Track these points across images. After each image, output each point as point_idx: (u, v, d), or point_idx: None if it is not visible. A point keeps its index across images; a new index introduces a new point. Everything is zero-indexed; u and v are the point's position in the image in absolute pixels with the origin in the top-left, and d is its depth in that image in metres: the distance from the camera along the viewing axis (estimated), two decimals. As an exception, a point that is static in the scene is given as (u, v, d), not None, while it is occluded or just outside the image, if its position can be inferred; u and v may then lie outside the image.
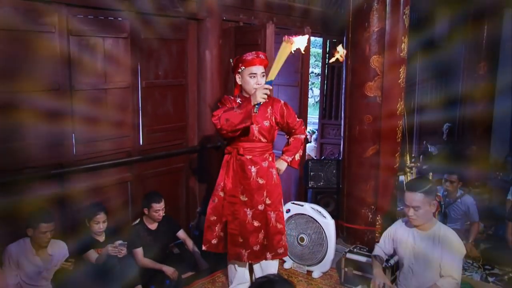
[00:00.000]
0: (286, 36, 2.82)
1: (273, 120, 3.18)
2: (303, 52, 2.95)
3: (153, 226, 3.82)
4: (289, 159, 3.34)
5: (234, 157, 3.19)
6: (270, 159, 3.24)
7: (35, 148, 3.36)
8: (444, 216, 4.22)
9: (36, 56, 3.31)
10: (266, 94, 2.88)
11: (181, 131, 4.58)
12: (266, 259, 3.28)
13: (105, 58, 3.76)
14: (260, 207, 3.18)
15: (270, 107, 3.18)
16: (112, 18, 3.83)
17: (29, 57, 3.27)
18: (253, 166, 3.15)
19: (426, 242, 2.75)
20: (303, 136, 3.35)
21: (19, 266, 3.10)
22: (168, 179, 4.48)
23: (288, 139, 3.40)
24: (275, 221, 3.23)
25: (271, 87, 2.90)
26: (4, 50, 3.15)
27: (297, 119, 3.31)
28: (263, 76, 3.09)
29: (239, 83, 3.16)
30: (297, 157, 3.37)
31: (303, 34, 2.88)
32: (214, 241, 3.28)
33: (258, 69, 3.07)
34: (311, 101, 14.85)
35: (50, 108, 3.40)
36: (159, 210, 3.74)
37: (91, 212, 3.48)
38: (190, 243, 4.04)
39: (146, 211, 3.76)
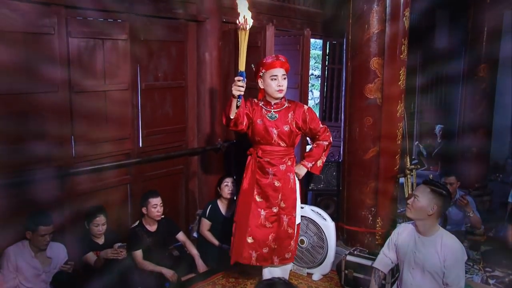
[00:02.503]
0: (238, 23, 2.70)
1: (294, 125, 3.20)
2: (247, 24, 2.73)
3: (152, 228, 3.81)
4: (309, 164, 3.32)
5: (254, 159, 3.25)
6: (289, 163, 3.26)
7: (35, 150, 3.35)
8: (444, 219, 4.21)
9: (35, 58, 3.30)
10: (240, 86, 2.81)
11: (181, 133, 4.57)
12: (273, 263, 3.30)
13: (104, 60, 3.76)
14: (274, 209, 3.23)
15: (292, 112, 3.21)
16: (112, 20, 3.82)
17: (28, 58, 3.26)
18: (270, 169, 3.21)
19: (428, 248, 2.71)
20: (326, 143, 3.32)
21: (18, 269, 3.09)
22: (168, 181, 4.47)
23: (312, 144, 3.41)
24: (287, 225, 3.26)
25: (241, 78, 2.81)
26: (4, 52, 3.14)
27: (321, 125, 3.31)
28: (285, 78, 3.14)
29: (262, 87, 3.19)
30: (319, 163, 3.36)
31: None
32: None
33: (279, 71, 3.11)
34: (311, 103, 14.82)
35: (49, 110, 3.40)
36: (156, 205, 3.73)
37: (91, 214, 3.47)
38: (189, 246, 4.03)
39: (144, 210, 3.75)
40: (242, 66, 2.80)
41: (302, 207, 3.82)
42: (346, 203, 4.05)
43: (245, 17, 2.68)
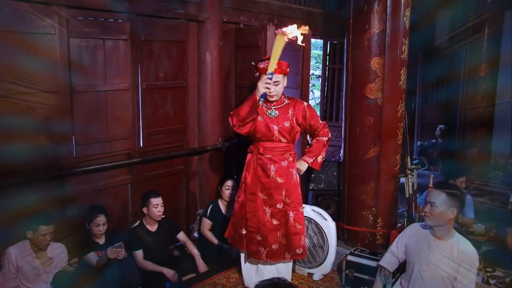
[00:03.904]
0: (279, 29, 2.93)
1: (294, 121, 3.23)
2: (301, 44, 3.08)
3: (153, 228, 3.81)
4: (310, 160, 3.36)
5: (255, 156, 3.26)
6: (291, 159, 3.29)
7: (35, 150, 3.36)
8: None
9: (36, 58, 3.30)
10: (267, 84, 3.02)
11: (181, 133, 4.57)
12: (285, 258, 3.33)
13: (105, 60, 3.76)
14: (279, 205, 3.25)
15: (292, 108, 3.24)
16: (113, 20, 3.83)
17: (29, 59, 3.26)
18: (272, 165, 3.22)
19: (442, 252, 2.67)
20: (325, 138, 3.36)
21: (18, 269, 3.10)
22: (168, 181, 4.48)
23: (311, 140, 3.44)
24: (294, 221, 3.28)
25: (270, 77, 3.01)
26: (4, 52, 3.15)
27: (320, 121, 3.34)
28: (277, 84, 3.17)
29: None
30: (320, 159, 3.40)
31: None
32: (236, 236, 3.38)
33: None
34: (311, 102, 14.82)
35: (50, 110, 3.40)
36: (157, 205, 3.73)
37: (91, 214, 3.47)
38: (190, 245, 4.03)
39: (145, 210, 3.76)
40: (272, 68, 3.00)
41: (303, 207, 3.83)
42: (346, 203, 4.05)
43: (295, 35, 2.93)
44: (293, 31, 2.91)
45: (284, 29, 2.91)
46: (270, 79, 3.01)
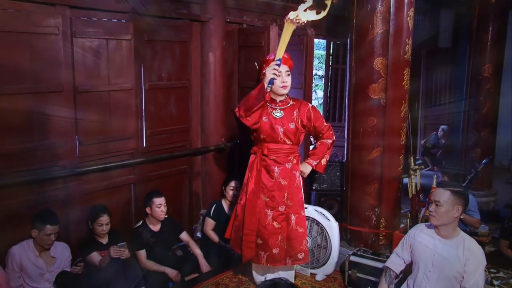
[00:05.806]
0: (287, 17, 2.89)
1: (299, 123, 3.20)
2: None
3: (156, 227, 3.82)
4: (314, 163, 3.33)
5: (259, 157, 3.24)
6: (295, 161, 3.26)
7: (39, 150, 3.37)
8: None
9: (40, 58, 3.32)
10: (275, 70, 2.96)
11: (185, 133, 4.58)
12: (286, 264, 3.28)
13: (108, 60, 3.77)
14: (281, 208, 3.21)
15: (297, 109, 3.21)
16: (116, 20, 3.83)
17: (33, 59, 3.28)
18: (276, 167, 3.20)
19: (449, 251, 2.65)
20: (330, 141, 3.34)
21: (22, 268, 3.11)
22: (171, 181, 4.48)
23: (315, 143, 3.41)
24: (296, 224, 3.24)
25: (278, 63, 2.98)
26: (8, 52, 3.16)
27: (325, 123, 3.31)
28: (288, 75, 3.16)
29: None
30: (323, 161, 3.37)
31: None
32: (237, 240, 3.32)
33: (283, 68, 3.12)
34: (314, 103, 14.82)
35: (54, 109, 3.41)
36: (160, 204, 3.74)
37: (94, 214, 3.48)
38: (193, 245, 4.02)
39: (148, 210, 3.76)
40: (280, 55, 3.00)
41: (305, 208, 3.82)
42: (349, 203, 4.04)
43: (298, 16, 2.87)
44: (300, 16, 2.86)
45: (291, 15, 2.87)
46: (278, 65, 2.97)
